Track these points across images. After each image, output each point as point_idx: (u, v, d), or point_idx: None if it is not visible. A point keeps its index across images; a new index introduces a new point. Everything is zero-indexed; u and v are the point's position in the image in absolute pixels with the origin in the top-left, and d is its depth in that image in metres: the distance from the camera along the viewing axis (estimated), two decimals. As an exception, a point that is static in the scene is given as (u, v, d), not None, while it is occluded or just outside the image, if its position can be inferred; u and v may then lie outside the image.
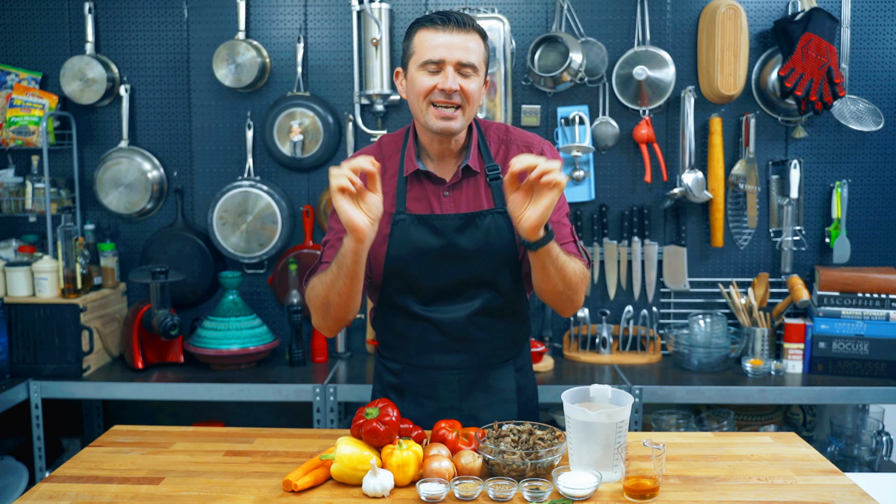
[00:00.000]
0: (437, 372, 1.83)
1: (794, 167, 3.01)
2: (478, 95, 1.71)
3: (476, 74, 1.69)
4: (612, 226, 3.13)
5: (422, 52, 1.68)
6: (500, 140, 1.82)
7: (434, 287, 1.78)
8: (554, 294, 1.70)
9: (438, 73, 1.67)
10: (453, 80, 1.65)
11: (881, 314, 2.87)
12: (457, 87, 1.65)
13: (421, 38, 1.69)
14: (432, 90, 1.67)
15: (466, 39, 1.67)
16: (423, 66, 1.68)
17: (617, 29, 3.07)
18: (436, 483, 1.47)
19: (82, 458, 1.69)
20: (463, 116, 1.69)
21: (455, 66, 1.66)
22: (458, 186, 1.78)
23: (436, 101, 1.67)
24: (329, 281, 1.65)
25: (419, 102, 1.70)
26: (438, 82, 1.66)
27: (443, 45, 1.66)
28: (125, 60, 3.14)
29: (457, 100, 1.67)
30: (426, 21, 1.70)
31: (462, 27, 1.67)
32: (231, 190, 3.06)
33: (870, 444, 2.81)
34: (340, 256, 1.61)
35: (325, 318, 1.73)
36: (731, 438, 1.82)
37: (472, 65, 1.67)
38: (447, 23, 1.67)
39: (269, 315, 3.20)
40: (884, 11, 3.05)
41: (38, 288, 2.87)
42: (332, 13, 3.10)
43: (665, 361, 3.07)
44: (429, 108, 1.68)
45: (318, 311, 1.73)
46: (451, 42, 1.66)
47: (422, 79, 1.68)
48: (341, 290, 1.64)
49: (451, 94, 1.66)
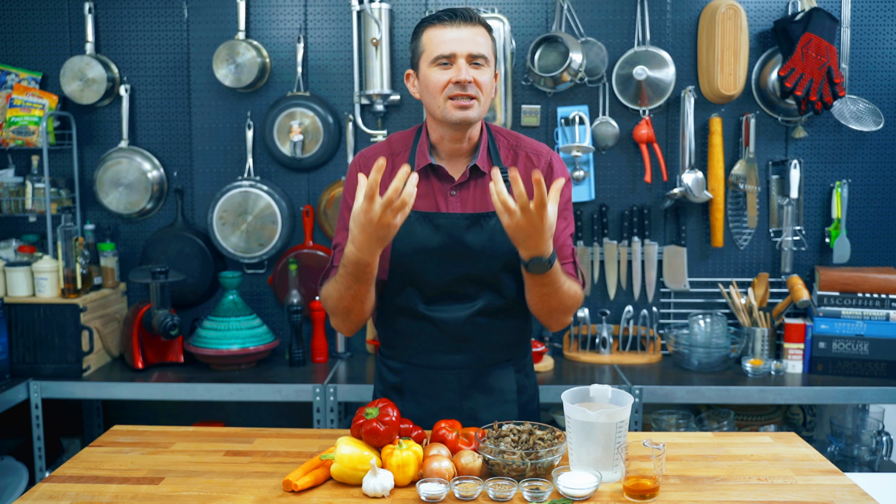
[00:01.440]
0: (438, 371, 1.83)
1: (794, 167, 3.01)
2: (490, 86, 1.73)
3: (487, 66, 1.71)
4: (612, 226, 3.13)
5: (432, 49, 1.70)
6: (510, 146, 1.84)
7: (436, 286, 1.78)
8: (545, 311, 1.74)
9: (451, 67, 1.69)
10: (466, 71, 1.67)
11: (881, 314, 2.87)
12: (470, 78, 1.68)
13: (430, 35, 1.71)
14: (447, 85, 1.69)
15: (475, 32, 1.70)
16: (436, 63, 1.70)
17: (617, 29, 3.07)
18: (436, 483, 1.47)
19: (82, 458, 1.69)
20: (479, 106, 1.71)
21: (467, 58, 1.68)
22: (466, 186, 1.78)
23: (452, 95, 1.69)
24: (344, 287, 1.68)
25: (436, 99, 1.71)
26: (452, 76, 1.68)
27: (453, 40, 1.68)
28: (125, 60, 3.14)
29: (472, 91, 1.69)
30: (433, 19, 1.72)
31: (469, 21, 1.70)
32: (231, 190, 3.06)
33: (870, 444, 2.82)
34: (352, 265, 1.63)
35: (346, 321, 1.77)
36: (731, 438, 1.82)
37: (483, 56, 1.70)
38: (454, 18, 1.70)
39: (269, 315, 3.20)
40: (884, 11, 3.05)
41: (38, 288, 2.87)
42: (332, 13, 3.10)
43: (665, 361, 3.07)
44: (446, 102, 1.70)
45: (336, 315, 1.77)
46: (460, 36, 1.69)
47: (435, 75, 1.70)
48: (357, 293, 1.68)
49: (465, 85, 1.67)
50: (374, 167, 1.49)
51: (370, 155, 1.84)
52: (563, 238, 1.79)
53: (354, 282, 1.65)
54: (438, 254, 1.75)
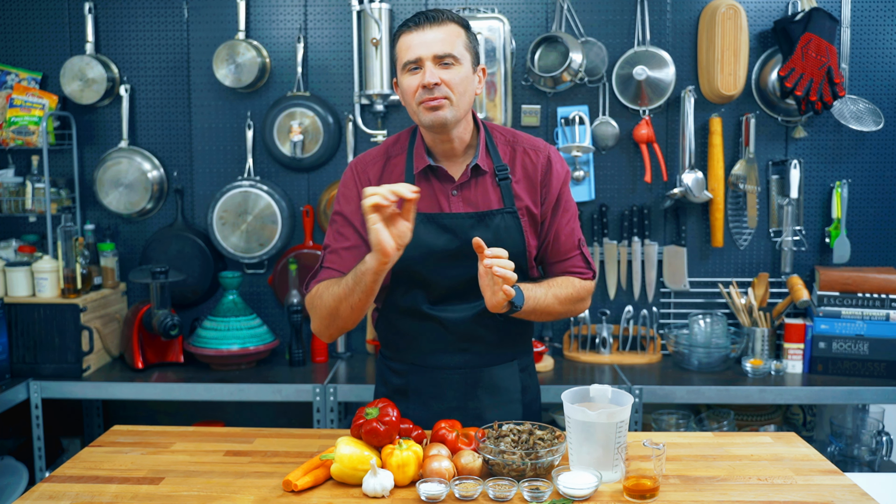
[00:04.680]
0: (443, 371, 1.83)
1: (794, 167, 3.01)
2: (465, 84, 1.70)
3: (458, 64, 1.69)
4: (612, 226, 3.13)
5: (402, 55, 1.71)
6: (507, 142, 1.83)
7: (442, 286, 1.78)
8: (554, 319, 1.84)
9: (420, 71, 1.69)
10: (431, 73, 1.66)
11: (881, 314, 2.87)
12: (436, 79, 1.66)
13: (401, 42, 1.72)
14: (417, 89, 1.69)
15: (442, 32, 1.69)
16: (406, 69, 1.70)
17: (617, 29, 3.07)
18: (436, 483, 1.47)
19: (82, 458, 1.69)
20: (452, 107, 1.69)
21: (433, 60, 1.67)
22: (467, 186, 1.78)
23: (422, 100, 1.68)
24: (342, 293, 1.67)
25: (411, 104, 1.72)
26: (420, 80, 1.68)
27: (418, 44, 1.68)
28: (125, 60, 3.14)
29: (440, 92, 1.67)
30: (403, 26, 1.73)
31: (435, 21, 1.69)
32: (231, 190, 3.06)
33: (870, 444, 2.82)
34: (359, 273, 1.63)
35: (329, 327, 1.75)
36: (731, 438, 1.82)
37: (450, 55, 1.68)
38: (420, 22, 1.70)
39: (269, 315, 3.20)
40: (884, 11, 3.05)
41: (38, 288, 2.87)
42: (332, 13, 3.10)
43: (665, 361, 3.07)
44: (419, 106, 1.70)
45: (322, 319, 1.74)
46: (425, 39, 1.68)
47: (407, 81, 1.71)
48: (354, 303, 1.67)
49: (432, 88, 1.66)
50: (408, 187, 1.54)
51: (366, 161, 1.83)
52: (566, 231, 1.81)
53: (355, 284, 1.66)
54: (444, 254, 1.76)
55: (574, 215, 1.84)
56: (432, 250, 1.75)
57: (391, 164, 1.81)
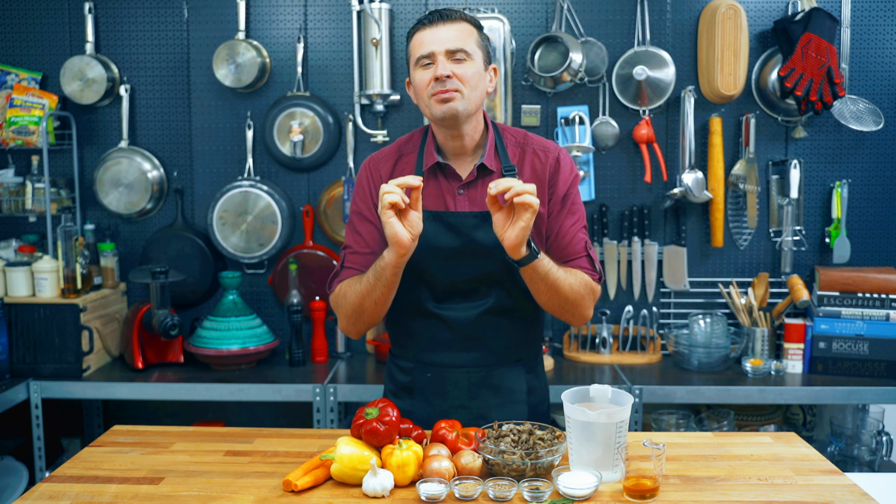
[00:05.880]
0: (448, 370, 1.83)
1: (794, 167, 3.01)
2: (476, 79, 1.74)
3: (470, 59, 1.73)
4: (612, 226, 3.13)
5: (415, 51, 1.75)
6: (518, 143, 1.85)
7: (446, 284, 1.79)
8: (550, 306, 1.77)
9: (432, 65, 1.72)
10: (443, 66, 1.70)
11: (881, 314, 2.87)
12: (448, 72, 1.69)
13: (414, 40, 1.76)
14: (430, 83, 1.72)
15: (454, 29, 1.73)
16: (419, 64, 1.74)
17: (617, 29, 3.07)
18: (436, 483, 1.47)
19: (82, 458, 1.69)
20: (464, 99, 1.71)
21: (445, 54, 1.71)
22: (474, 185, 1.80)
23: (434, 92, 1.71)
24: (364, 290, 1.72)
25: (423, 98, 1.75)
26: (433, 73, 1.71)
27: (431, 40, 1.72)
28: (125, 60, 3.14)
29: (452, 85, 1.70)
30: (417, 24, 1.77)
31: (448, 19, 1.73)
32: (231, 190, 3.06)
33: (870, 444, 2.81)
34: (379, 269, 1.68)
35: (356, 323, 1.79)
36: (731, 438, 1.82)
37: (462, 49, 1.72)
38: (433, 20, 1.74)
39: (269, 315, 3.20)
40: (884, 11, 3.05)
41: (38, 288, 2.87)
42: (332, 13, 3.10)
43: (665, 361, 3.07)
44: (430, 99, 1.72)
45: (348, 317, 1.79)
46: (438, 35, 1.72)
47: (419, 76, 1.74)
48: (378, 298, 1.72)
49: (444, 80, 1.70)
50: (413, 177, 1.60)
51: (379, 158, 1.87)
52: (572, 233, 1.81)
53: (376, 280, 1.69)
54: (449, 252, 1.77)
55: (582, 217, 1.84)
56: (437, 248, 1.77)
57: (403, 161, 1.84)
